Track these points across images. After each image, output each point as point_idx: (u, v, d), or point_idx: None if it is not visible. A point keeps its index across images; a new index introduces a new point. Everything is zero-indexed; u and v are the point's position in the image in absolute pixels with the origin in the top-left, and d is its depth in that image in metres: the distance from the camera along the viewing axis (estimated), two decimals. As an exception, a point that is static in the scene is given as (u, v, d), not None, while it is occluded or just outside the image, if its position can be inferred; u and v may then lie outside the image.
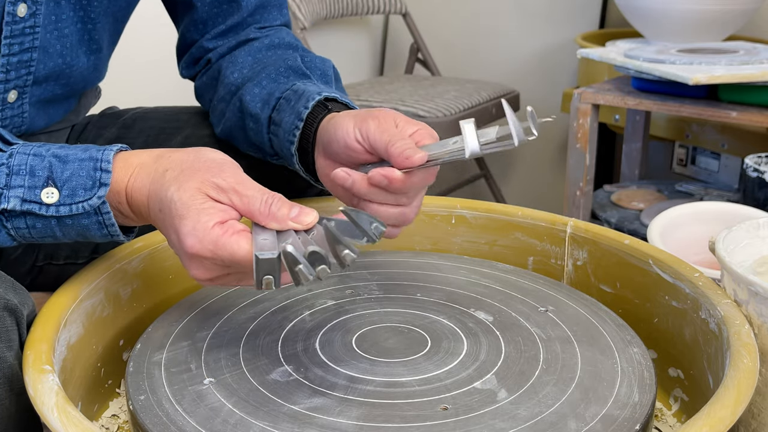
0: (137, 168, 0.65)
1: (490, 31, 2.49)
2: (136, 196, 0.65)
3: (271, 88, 0.86)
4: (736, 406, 0.55)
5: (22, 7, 0.77)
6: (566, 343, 0.69)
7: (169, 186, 0.62)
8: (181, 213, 0.60)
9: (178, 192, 0.61)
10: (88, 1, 0.84)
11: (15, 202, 0.63)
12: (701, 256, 1.06)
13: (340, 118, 0.74)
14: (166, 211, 0.62)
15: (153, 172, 0.64)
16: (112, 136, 1.00)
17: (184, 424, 0.58)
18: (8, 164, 0.64)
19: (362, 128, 0.71)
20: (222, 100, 0.91)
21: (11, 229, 0.65)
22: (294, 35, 0.98)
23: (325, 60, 0.92)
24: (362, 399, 0.61)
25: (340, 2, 2.28)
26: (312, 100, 0.79)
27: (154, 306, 0.80)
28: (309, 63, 0.90)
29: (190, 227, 0.60)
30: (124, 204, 0.66)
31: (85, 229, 0.65)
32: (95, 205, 0.64)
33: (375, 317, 0.73)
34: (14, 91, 0.82)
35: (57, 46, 0.83)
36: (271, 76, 0.87)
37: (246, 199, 0.61)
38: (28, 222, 0.64)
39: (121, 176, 0.65)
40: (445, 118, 1.96)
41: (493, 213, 0.89)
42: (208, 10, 0.94)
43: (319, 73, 0.89)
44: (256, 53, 0.92)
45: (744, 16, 1.81)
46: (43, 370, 0.58)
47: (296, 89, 0.83)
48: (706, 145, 1.87)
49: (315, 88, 0.82)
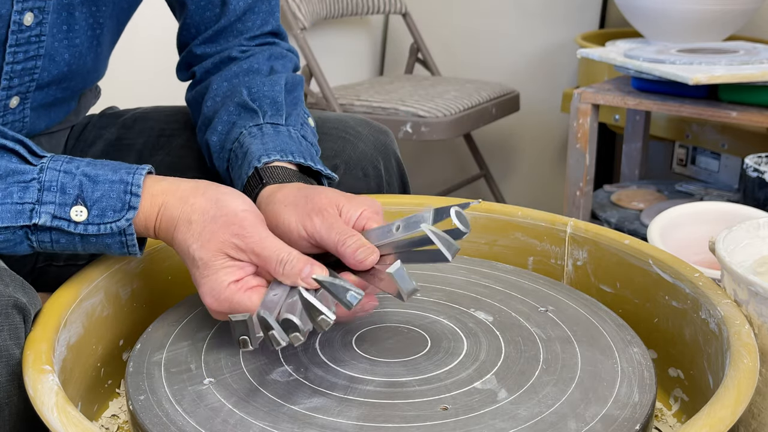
0: (162, 208, 0.68)
1: (490, 31, 2.49)
2: (163, 236, 0.69)
3: (224, 134, 0.87)
4: (736, 406, 0.55)
5: (28, 16, 0.77)
6: (566, 343, 0.69)
7: (192, 243, 0.66)
8: (202, 272, 0.65)
9: (200, 251, 0.65)
10: (98, 8, 0.84)
11: (46, 218, 0.65)
12: (701, 256, 1.06)
13: (278, 209, 0.72)
14: (189, 262, 0.67)
15: (177, 219, 0.67)
16: (112, 137, 1.00)
17: (184, 424, 0.58)
18: (39, 179, 0.66)
19: (306, 226, 0.69)
20: (200, 131, 0.92)
21: (35, 242, 0.67)
22: (279, 51, 0.96)
23: (275, 82, 0.90)
24: (362, 399, 0.61)
25: (340, 2, 2.28)
26: (244, 177, 0.80)
27: (154, 306, 0.80)
28: (256, 94, 0.88)
29: (208, 288, 0.65)
30: (150, 230, 0.69)
31: (106, 247, 0.68)
32: (123, 227, 0.67)
33: (375, 317, 0.73)
34: (16, 98, 0.82)
35: (65, 54, 0.83)
36: (224, 118, 0.88)
37: (263, 260, 0.65)
38: (53, 236, 0.67)
39: (148, 210, 0.68)
40: (444, 118, 1.96)
41: (493, 213, 0.89)
42: (199, 12, 0.94)
43: (268, 102, 0.88)
44: (232, 78, 0.91)
45: (744, 16, 1.81)
46: (43, 370, 0.58)
47: (242, 142, 0.84)
48: (706, 145, 1.87)
49: (258, 147, 0.81)
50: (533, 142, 2.54)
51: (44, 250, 0.68)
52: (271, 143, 0.82)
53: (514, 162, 2.60)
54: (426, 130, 1.95)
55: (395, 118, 1.96)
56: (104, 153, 0.99)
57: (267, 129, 0.84)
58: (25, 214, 0.65)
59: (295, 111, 0.89)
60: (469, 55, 2.53)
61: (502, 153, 2.59)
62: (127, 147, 0.99)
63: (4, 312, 0.61)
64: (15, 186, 0.65)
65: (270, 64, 0.93)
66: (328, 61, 2.22)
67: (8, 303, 0.61)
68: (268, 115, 0.86)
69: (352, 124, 0.96)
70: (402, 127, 1.95)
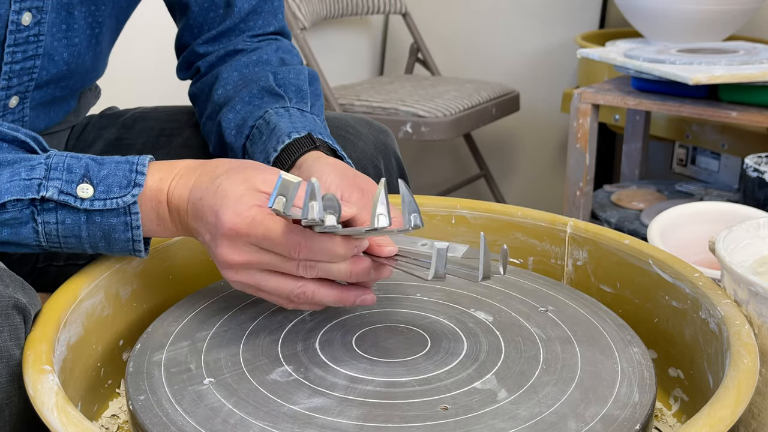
0: (182, 169, 0.68)
1: (490, 31, 2.49)
2: (177, 193, 0.67)
3: (246, 112, 0.87)
4: (736, 406, 0.55)
5: (26, 16, 0.77)
6: (566, 343, 0.69)
7: (218, 176, 0.66)
8: (226, 193, 0.64)
9: (228, 180, 0.65)
10: (96, 7, 0.84)
11: (53, 191, 0.66)
12: (701, 256, 1.06)
13: (326, 168, 0.74)
14: (207, 198, 0.65)
15: (201, 171, 0.68)
16: (112, 137, 1.00)
17: (184, 424, 0.58)
18: (47, 163, 0.67)
19: (345, 194, 0.71)
20: (209, 118, 0.92)
21: (40, 224, 0.67)
22: (286, 46, 0.97)
23: (299, 71, 0.91)
24: (362, 399, 0.61)
25: (340, 2, 2.28)
26: (281, 143, 0.80)
27: (154, 306, 0.80)
28: (282, 80, 0.89)
29: (231, 204, 0.63)
30: (163, 203, 0.68)
31: (111, 229, 0.67)
32: (128, 203, 0.66)
33: (375, 317, 0.73)
34: (16, 97, 0.82)
35: (64, 54, 0.83)
36: (245, 99, 0.88)
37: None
38: (59, 216, 0.66)
39: (166, 175, 0.68)
40: (445, 118, 1.96)
41: (493, 213, 0.89)
42: (203, 14, 0.94)
43: (293, 89, 0.88)
44: (242, 68, 0.92)
45: (744, 16, 1.81)
46: (42, 370, 0.58)
47: (268, 119, 0.84)
48: (706, 145, 1.87)
49: (286, 124, 0.82)
50: (533, 142, 2.54)
51: (48, 239, 0.67)
52: (300, 123, 0.83)
53: (514, 162, 2.60)
54: (426, 130, 1.95)
55: (395, 118, 1.96)
56: (104, 153, 0.99)
57: (294, 112, 0.85)
58: (33, 188, 0.65)
59: (318, 102, 0.91)
60: (469, 55, 2.53)
61: (502, 153, 2.59)
62: (127, 147, 0.99)
63: (5, 313, 0.61)
64: (23, 167, 0.66)
65: (279, 56, 0.94)
66: (328, 61, 2.22)
67: (8, 304, 0.61)
68: (294, 101, 0.87)
69: (353, 123, 0.96)
70: (402, 127, 1.95)
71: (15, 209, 0.65)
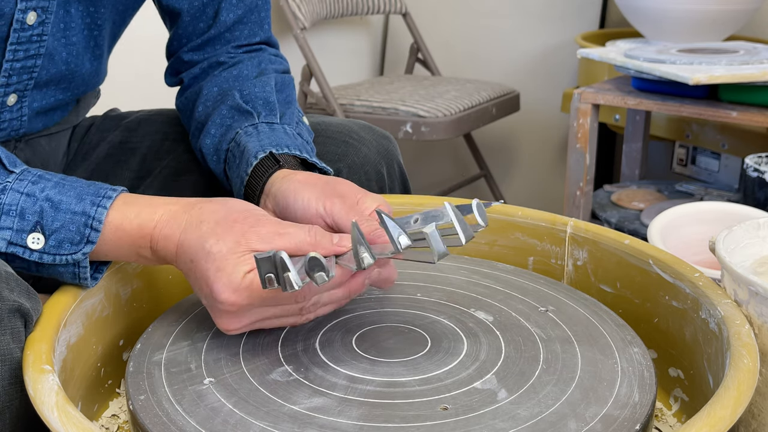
0: (166, 216, 0.66)
1: (490, 31, 2.49)
2: (163, 245, 0.66)
3: (219, 135, 0.87)
4: (736, 406, 0.55)
5: (31, 15, 0.77)
6: (566, 343, 0.69)
7: (207, 239, 0.63)
8: (218, 265, 0.61)
9: (218, 244, 0.62)
10: (95, 8, 0.84)
11: (2, 243, 0.64)
12: (701, 256, 1.06)
13: (297, 186, 0.73)
14: (199, 262, 0.63)
15: (185, 222, 0.65)
16: (116, 140, 1.00)
17: (184, 424, 0.58)
18: (0, 201, 0.65)
19: (327, 205, 0.70)
20: (194, 137, 0.92)
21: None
22: (269, 56, 0.96)
23: (266, 82, 0.90)
24: (362, 399, 0.61)
25: (340, 2, 2.28)
26: (249, 165, 0.79)
27: (154, 306, 0.80)
28: (248, 96, 0.89)
29: (225, 279, 0.61)
30: (147, 248, 0.67)
31: (58, 275, 0.68)
32: (78, 261, 0.66)
33: (375, 317, 0.73)
34: (14, 95, 0.82)
35: (63, 53, 0.83)
36: (217, 122, 0.88)
37: (288, 237, 0.63)
38: (8, 259, 0.66)
39: (147, 221, 0.66)
40: (445, 118, 1.96)
41: (493, 213, 0.89)
42: (193, 23, 0.94)
43: (261, 103, 0.88)
44: (222, 83, 0.92)
45: (744, 16, 1.81)
46: (43, 370, 0.58)
47: (239, 141, 0.84)
48: (706, 145, 1.87)
49: (254, 144, 0.81)
50: (533, 142, 2.54)
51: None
52: (266, 139, 0.82)
53: (514, 162, 2.60)
54: (426, 130, 1.95)
55: (395, 118, 1.96)
56: (108, 155, 0.99)
57: (263, 128, 0.85)
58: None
59: (289, 110, 0.90)
60: (469, 55, 2.53)
61: (502, 153, 2.59)
62: (131, 150, 0.99)
63: (8, 316, 0.61)
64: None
65: (260, 69, 0.94)
66: (328, 61, 2.22)
67: (12, 308, 0.61)
68: (263, 115, 0.87)
69: (356, 129, 0.97)
70: (402, 127, 1.95)
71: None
